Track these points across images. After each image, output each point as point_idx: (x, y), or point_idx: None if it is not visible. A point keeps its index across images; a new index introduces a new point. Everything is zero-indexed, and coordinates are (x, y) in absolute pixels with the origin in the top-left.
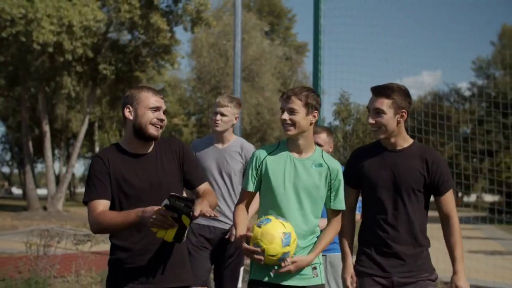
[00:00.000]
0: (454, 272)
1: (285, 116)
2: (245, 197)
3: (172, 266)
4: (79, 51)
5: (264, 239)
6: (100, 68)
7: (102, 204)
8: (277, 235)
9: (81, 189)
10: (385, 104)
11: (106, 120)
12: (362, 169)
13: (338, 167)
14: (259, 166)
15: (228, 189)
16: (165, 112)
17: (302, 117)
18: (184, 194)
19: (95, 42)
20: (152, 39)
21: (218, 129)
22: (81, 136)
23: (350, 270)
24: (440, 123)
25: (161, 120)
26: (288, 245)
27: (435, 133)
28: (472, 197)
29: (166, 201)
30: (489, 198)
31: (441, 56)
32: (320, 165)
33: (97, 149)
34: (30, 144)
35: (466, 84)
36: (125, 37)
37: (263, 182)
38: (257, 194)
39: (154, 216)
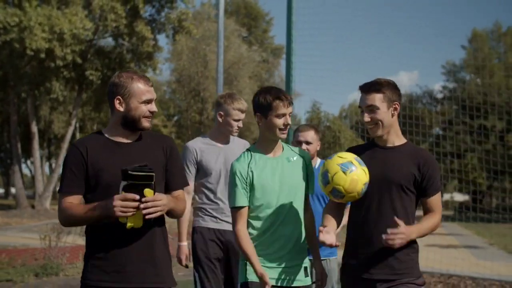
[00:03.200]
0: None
1: (289, 120)
2: (243, 215)
3: (150, 265)
4: (69, 58)
5: (349, 188)
6: (87, 73)
7: (72, 197)
8: (360, 186)
9: None
10: (377, 99)
11: (87, 121)
12: None
13: (308, 156)
14: (246, 178)
15: None
16: (155, 101)
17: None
18: (163, 188)
19: (82, 49)
20: (136, 46)
21: (235, 134)
22: (68, 137)
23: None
24: (414, 124)
25: (153, 113)
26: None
27: (407, 133)
28: (445, 197)
29: (123, 183)
30: (459, 197)
31: (418, 57)
32: (295, 157)
33: None
34: (19, 145)
35: (439, 87)
36: (111, 43)
37: (254, 191)
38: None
39: (117, 202)
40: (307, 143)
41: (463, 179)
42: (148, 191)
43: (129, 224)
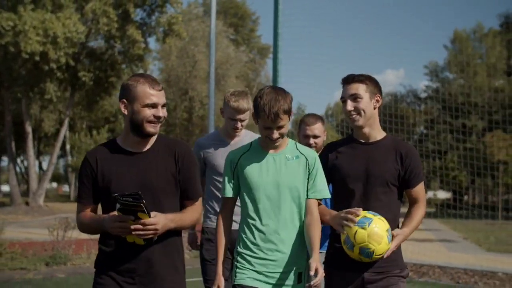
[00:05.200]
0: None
1: (276, 135)
2: (227, 206)
3: (161, 274)
4: (62, 60)
5: (373, 241)
6: (80, 75)
7: (86, 207)
8: (384, 234)
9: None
10: (360, 88)
11: (77, 120)
12: (334, 162)
13: (315, 155)
14: (234, 169)
15: None
16: (164, 106)
17: (287, 126)
18: (177, 200)
19: (75, 52)
20: (127, 49)
21: (238, 133)
22: (61, 136)
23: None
24: (398, 123)
25: (159, 118)
26: (391, 241)
27: (392, 131)
28: (428, 194)
29: (117, 205)
30: (442, 195)
31: (403, 56)
32: (297, 156)
33: (67, 147)
34: (13, 144)
35: (423, 86)
36: (102, 46)
37: (242, 184)
38: None
39: (113, 224)
40: (315, 137)
41: (445, 178)
42: (141, 215)
43: (129, 239)
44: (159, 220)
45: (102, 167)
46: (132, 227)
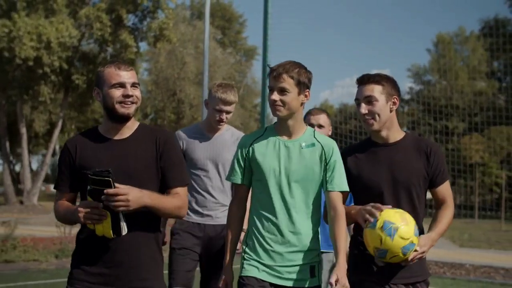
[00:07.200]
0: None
1: (275, 96)
2: (238, 193)
3: (135, 269)
4: (56, 64)
5: (399, 218)
6: (73, 78)
7: (63, 195)
8: (412, 224)
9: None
10: (375, 90)
11: (67, 120)
12: (353, 170)
13: (333, 144)
14: (246, 155)
15: (221, 180)
16: (136, 85)
17: (293, 97)
18: (157, 188)
19: (69, 55)
20: (119, 52)
21: (221, 126)
22: (54, 137)
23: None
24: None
25: (128, 96)
26: (418, 236)
27: None
28: None
29: (88, 188)
30: (427, 195)
31: (388, 56)
32: (313, 144)
33: (57, 147)
34: (7, 144)
35: (407, 88)
36: (94, 49)
37: (254, 172)
38: None
39: (79, 210)
40: (320, 126)
41: None
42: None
43: (98, 231)
44: (131, 191)
45: (81, 154)
46: (103, 197)
